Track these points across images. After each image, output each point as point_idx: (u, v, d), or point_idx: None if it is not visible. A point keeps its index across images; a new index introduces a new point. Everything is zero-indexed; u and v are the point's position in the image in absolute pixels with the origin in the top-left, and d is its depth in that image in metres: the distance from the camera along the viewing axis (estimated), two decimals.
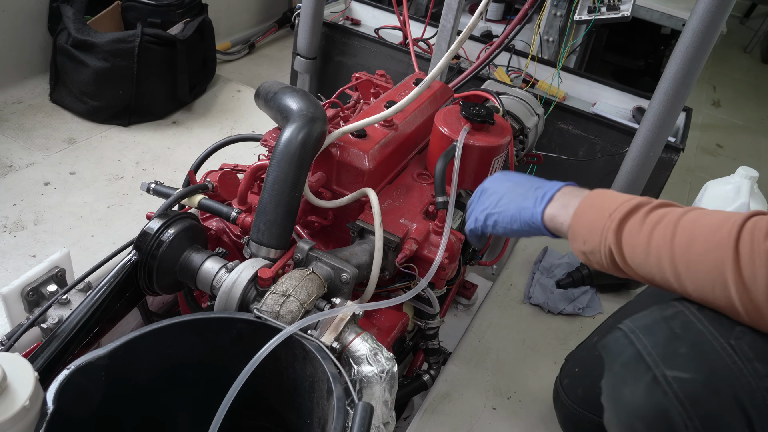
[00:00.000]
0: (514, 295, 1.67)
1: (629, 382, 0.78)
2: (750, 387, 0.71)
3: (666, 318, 0.79)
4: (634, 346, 0.79)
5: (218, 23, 2.52)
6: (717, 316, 0.76)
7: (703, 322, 0.76)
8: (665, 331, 0.78)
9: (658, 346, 0.77)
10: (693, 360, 0.74)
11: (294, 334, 0.84)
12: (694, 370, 0.74)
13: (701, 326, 0.76)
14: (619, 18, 1.74)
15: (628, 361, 0.79)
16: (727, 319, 0.76)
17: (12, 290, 1.04)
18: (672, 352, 0.76)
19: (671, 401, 0.74)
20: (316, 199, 1.14)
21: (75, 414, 0.77)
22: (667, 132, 1.68)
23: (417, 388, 1.35)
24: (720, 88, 4.02)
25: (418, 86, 1.16)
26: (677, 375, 0.74)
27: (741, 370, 0.72)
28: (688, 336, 0.76)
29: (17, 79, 2.14)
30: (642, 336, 0.79)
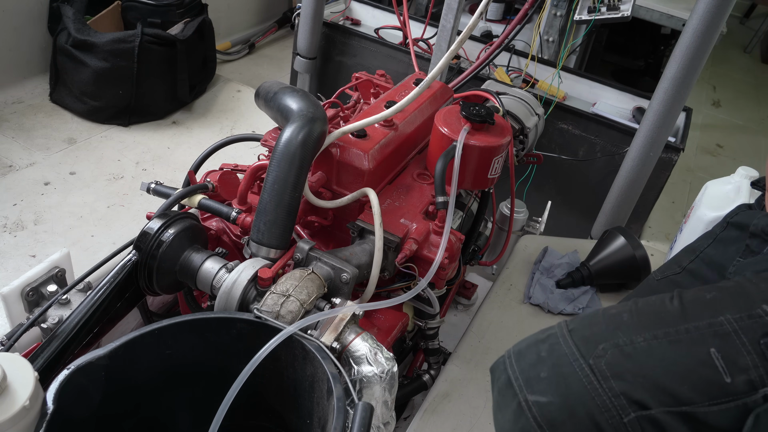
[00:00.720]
0: (514, 295, 1.67)
1: (502, 407, 0.80)
2: (605, 405, 0.72)
3: (538, 341, 0.81)
4: (506, 372, 0.80)
5: (218, 23, 2.52)
6: (586, 336, 0.78)
7: (568, 344, 0.77)
8: (533, 356, 0.79)
9: (524, 371, 0.79)
10: (552, 383, 0.76)
11: (294, 334, 0.84)
12: (552, 394, 0.75)
13: (566, 348, 0.77)
14: (619, 18, 1.75)
15: (501, 387, 0.81)
16: (595, 338, 0.77)
17: (12, 290, 1.04)
18: (535, 376, 0.77)
19: (531, 425, 0.75)
20: (316, 199, 1.14)
21: (75, 414, 0.77)
22: (667, 132, 1.68)
23: (417, 388, 1.35)
24: (720, 88, 4.02)
25: (418, 86, 1.16)
26: (536, 399, 0.76)
27: (596, 389, 0.73)
28: (551, 359, 0.77)
29: (17, 79, 2.15)
30: (514, 361, 0.81)
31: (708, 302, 0.78)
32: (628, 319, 0.79)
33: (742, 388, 0.70)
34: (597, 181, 2.07)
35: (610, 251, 1.64)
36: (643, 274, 1.61)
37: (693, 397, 0.71)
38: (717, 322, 0.74)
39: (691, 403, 0.71)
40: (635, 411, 0.71)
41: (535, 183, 2.04)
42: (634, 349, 0.75)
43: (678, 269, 1.08)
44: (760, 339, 0.72)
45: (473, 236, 1.38)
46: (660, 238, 2.32)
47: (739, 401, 0.70)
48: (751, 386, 0.70)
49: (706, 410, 0.71)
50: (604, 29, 3.20)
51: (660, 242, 2.25)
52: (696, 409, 0.71)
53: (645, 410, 0.71)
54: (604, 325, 0.79)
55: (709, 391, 0.71)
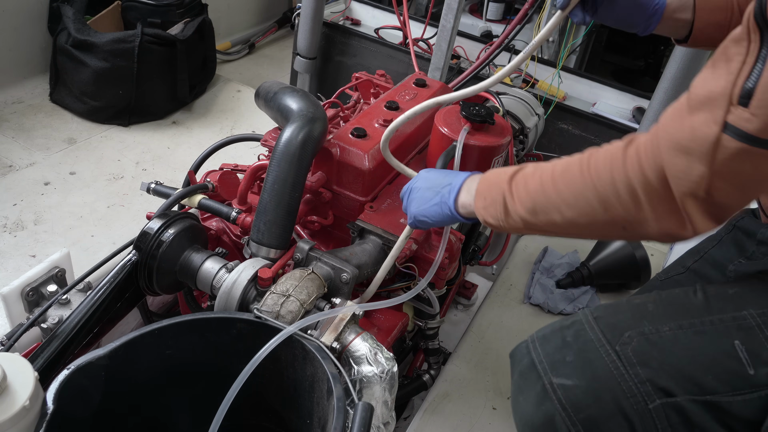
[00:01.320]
0: (514, 295, 1.67)
1: (524, 390, 0.82)
2: (631, 391, 0.74)
3: (563, 327, 0.83)
4: (530, 355, 0.82)
5: (218, 23, 2.52)
6: (611, 323, 0.79)
7: (594, 330, 0.79)
8: (558, 340, 0.81)
9: (549, 354, 0.80)
10: (578, 367, 0.77)
11: (294, 334, 0.84)
12: (577, 377, 0.77)
13: (591, 334, 0.79)
14: None
15: (524, 369, 0.82)
16: (621, 325, 0.79)
17: (12, 290, 1.04)
18: (560, 360, 0.79)
19: (555, 407, 0.76)
20: None
21: (75, 414, 0.77)
22: None
23: (417, 388, 1.35)
24: None
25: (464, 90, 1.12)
26: (562, 382, 0.77)
27: (623, 375, 0.75)
28: (577, 344, 0.79)
29: (17, 79, 2.14)
30: (538, 345, 0.83)
31: (731, 297, 0.81)
32: (653, 309, 0.81)
33: (765, 380, 0.73)
34: None
35: (610, 251, 1.64)
36: (643, 274, 1.61)
37: (717, 387, 0.73)
38: (741, 316, 0.77)
39: (715, 392, 0.73)
40: (660, 398, 0.73)
41: None
42: (660, 337, 0.77)
43: (682, 269, 1.10)
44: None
45: (473, 236, 1.38)
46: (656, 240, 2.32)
47: (762, 392, 0.73)
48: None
49: (730, 400, 0.73)
50: (604, 29, 3.20)
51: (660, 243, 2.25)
52: (720, 399, 0.73)
53: (670, 397, 0.73)
54: (629, 314, 0.81)
55: (732, 381, 0.73)
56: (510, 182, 0.86)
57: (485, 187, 0.91)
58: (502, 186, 0.86)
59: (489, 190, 0.90)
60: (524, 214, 0.83)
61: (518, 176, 0.86)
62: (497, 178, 0.89)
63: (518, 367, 0.84)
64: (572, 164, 0.80)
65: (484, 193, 0.90)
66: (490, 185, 0.90)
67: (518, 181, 0.85)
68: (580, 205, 0.77)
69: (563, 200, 0.79)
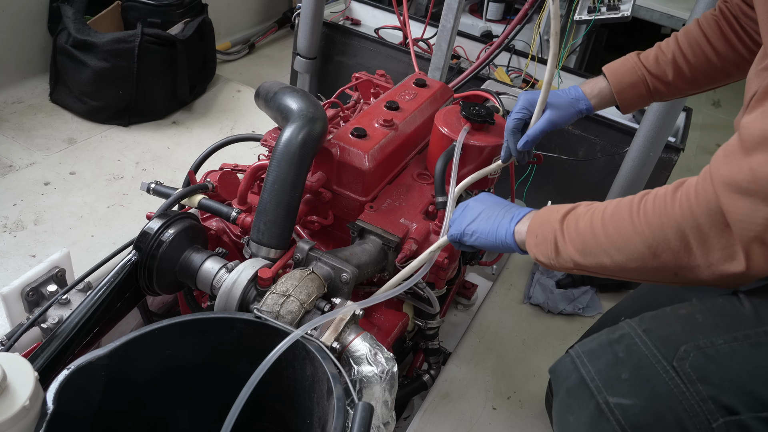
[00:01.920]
0: (514, 295, 1.67)
1: (574, 409, 0.78)
2: (693, 410, 0.71)
3: (611, 342, 0.79)
4: (579, 372, 0.78)
5: (218, 23, 2.52)
6: (663, 337, 0.76)
7: (647, 345, 0.76)
8: (609, 356, 0.77)
9: (601, 371, 0.77)
10: (635, 385, 0.74)
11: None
12: (636, 396, 0.73)
13: (645, 349, 0.75)
14: (619, 18, 1.74)
15: (573, 387, 0.79)
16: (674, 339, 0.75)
17: (12, 290, 1.04)
18: (615, 377, 0.75)
19: (614, 428, 0.73)
20: None
21: (75, 414, 0.77)
22: (667, 132, 1.68)
23: (417, 388, 1.35)
24: (720, 88, 4.01)
25: None
26: (619, 402, 0.74)
27: (684, 393, 0.71)
28: (631, 360, 0.75)
29: (17, 79, 2.14)
30: (587, 361, 0.79)
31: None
32: (703, 321, 0.77)
33: None
34: (597, 181, 2.07)
35: None
36: None
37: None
38: None
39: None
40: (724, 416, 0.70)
41: (535, 183, 2.04)
42: (716, 351, 0.73)
43: None
44: None
45: None
46: None
47: None
48: None
49: None
50: (604, 29, 3.20)
51: None
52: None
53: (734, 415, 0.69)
54: (680, 326, 0.77)
55: None
56: (562, 222, 0.85)
57: (537, 224, 0.90)
58: (554, 225, 0.86)
59: (541, 227, 0.89)
60: (575, 256, 0.82)
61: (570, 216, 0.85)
62: (549, 216, 0.88)
63: (565, 384, 0.80)
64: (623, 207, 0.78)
65: (536, 231, 0.90)
66: (542, 223, 0.89)
67: (570, 221, 0.85)
68: (630, 250, 0.76)
69: (612, 244, 0.77)
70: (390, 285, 1.06)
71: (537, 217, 0.92)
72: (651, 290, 1.18)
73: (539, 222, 0.90)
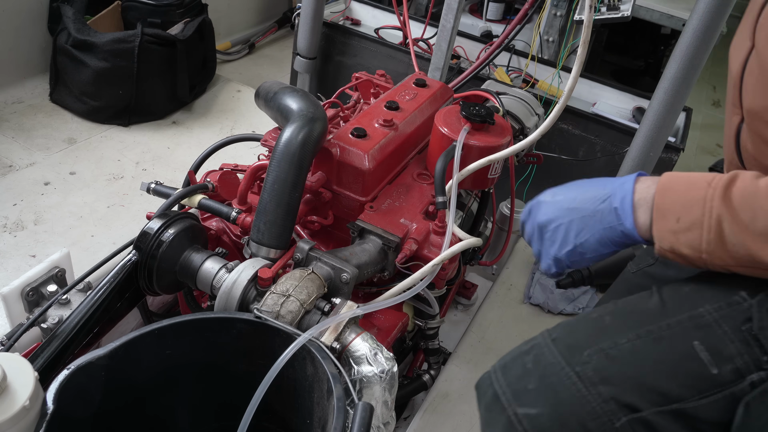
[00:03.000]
0: (514, 295, 1.67)
1: (491, 424, 0.78)
2: (595, 412, 0.70)
3: (522, 353, 0.78)
4: (493, 387, 0.78)
5: (218, 23, 2.52)
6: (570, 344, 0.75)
7: (553, 353, 0.75)
8: (519, 368, 0.77)
9: (511, 384, 0.76)
10: (541, 394, 0.73)
11: (294, 335, 0.84)
12: (541, 405, 0.73)
13: (551, 357, 0.75)
14: (619, 18, 1.74)
15: (489, 402, 0.78)
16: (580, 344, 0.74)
17: (12, 290, 1.04)
18: (522, 388, 0.75)
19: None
20: None
21: (75, 414, 0.77)
22: (667, 132, 1.68)
23: (417, 388, 1.35)
24: (720, 88, 4.02)
25: None
26: (526, 412, 0.73)
27: (585, 396, 0.71)
28: (537, 370, 0.75)
29: (17, 79, 2.14)
30: (500, 375, 0.78)
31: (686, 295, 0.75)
32: (609, 322, 0.76)
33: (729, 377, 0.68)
34: None
35: None
36: None
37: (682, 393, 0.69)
38: (697, 314, 0.72)
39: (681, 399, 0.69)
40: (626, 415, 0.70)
41: (535, 183, 2.04)
42: (618, 351, 0.73)
43: (651, 260, 1.06)
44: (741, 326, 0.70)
45: None
46: None
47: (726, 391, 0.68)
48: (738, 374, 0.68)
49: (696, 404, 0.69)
50: (604, 29, 3.20)
51: None
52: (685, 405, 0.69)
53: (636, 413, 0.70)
54: (587, 331, 0.76)
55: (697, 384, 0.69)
56: (725, 198, 0.68)
57: (672, 201, 0.72)
58: (710, 203, 0.68)
59: (684, 207, 0.71)
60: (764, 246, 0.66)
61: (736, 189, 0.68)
62: (693, 190, 0.70)
63: (484, 400, 0.80)
64: None
65: (672, 211, 0.72)
66: (684, 201, 0.71)
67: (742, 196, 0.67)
68: None
69: None
70: (391, 293, 1.06)
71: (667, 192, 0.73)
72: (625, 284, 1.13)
73: (676, 200, 0.72)
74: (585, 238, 0.79)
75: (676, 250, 0.72)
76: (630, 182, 0.77)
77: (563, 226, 0.81)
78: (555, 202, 0.84)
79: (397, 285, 1.06)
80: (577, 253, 0.81)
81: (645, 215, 0.75)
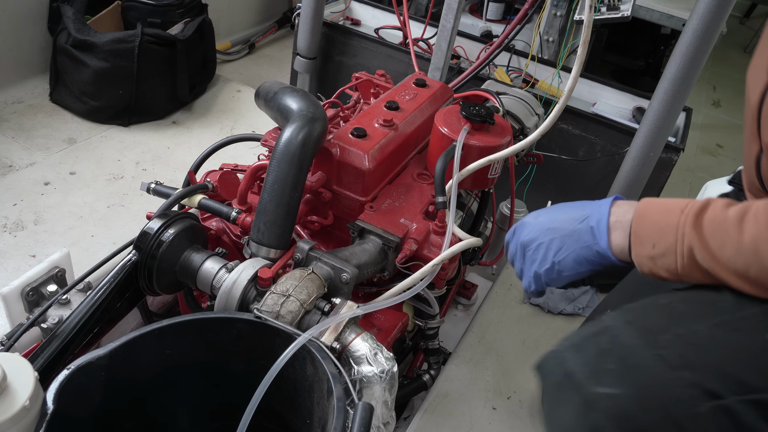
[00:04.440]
0: (514, 295, 1.67)
1: (562, 402, 0.77)
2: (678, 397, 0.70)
3: (594, 334, 0.78)
4: (564, 366, 0.77)
5: (218, 23, 2.52)
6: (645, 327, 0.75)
7: (631, 335, 0.75)
8: (593, 348, 0.76)
9: (587, 363, 0.76)
10: (621, 375, 0.73)
11: (294, 335, 0.84)
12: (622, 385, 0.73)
13: (628, 340, 0.74)
14: (619, 18, 1.74)
15: (559, 381, 0.78)
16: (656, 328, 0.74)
17: (12, 290, 1.04)
18: (600, 368, 0.75)
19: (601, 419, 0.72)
20: None
21: (75, 414, 0.77)
22: (667, 132, 1.68)
23: (417, 388, 1.35)
24: (720, 88, 4.02)
25: None
26: (606, 392, 0.73)
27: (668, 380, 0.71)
28: (615, 351, 0.75)
29: (17, 79, 2.14)
30: (571, 355, 0.78)
31: None
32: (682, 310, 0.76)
33: None
34: (597, 181, 2.07)
35: None
36: None
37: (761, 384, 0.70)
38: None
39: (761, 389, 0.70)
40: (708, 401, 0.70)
41: (535, 183, 2.04)
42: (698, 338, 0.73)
43: None
44: None
45: None
46: None
47: None
48: None
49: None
50: (604, 29, 3.20)
51: None
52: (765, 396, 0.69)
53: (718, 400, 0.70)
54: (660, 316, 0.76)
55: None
56: (696, 225, 0.72)
57: (648, 228, 0.77)
58: (682, 230, 0.73)
59: (659, 234, 0.76)
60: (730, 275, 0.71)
61: (707, 218, 0.72)
62: (667, 217, 0.75)
63: (552, 378, 0.79)
64: None
65: (648, 237, 0.77)
66: (659, 228, 0.76)
67: (711, 224, 0.71)
68: None
69: None
70: (391, 293, 1.06)
71: (643, 218, 0.78)
72: (635, 283, 1.16)
73: (651, 226, 0.77)
74: (563, 256, 0.84)
75: (655, 274, 0.77)
76: (606, 205, 0.81)
77: (544, 245, 0.85)
78: (537, 223, 0.88)
79: (397, 285, 1.06)
80: (555, 271, 0.85)
81: (619, 237, 0.79)
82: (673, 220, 0.74)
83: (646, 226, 0.77)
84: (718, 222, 0.72)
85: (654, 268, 0.77)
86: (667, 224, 0.75)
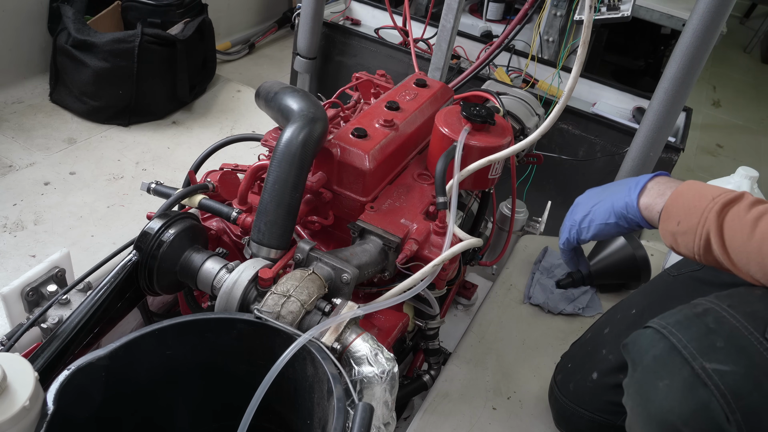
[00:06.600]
0: (514, 295, 1.67)
1: (665, 376, 0.77)
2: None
3: (698, 314, 0.78)
4: (667, 340, 0.78)
5: (218, 23, 2.52)
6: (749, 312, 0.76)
7: (736, 318, 0.76)
8: (700, 326, 0.77)
9: (694, 339, 0.76)
10: (732, 353, 0.74)
11: (294, 335, 0.84)
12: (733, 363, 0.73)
13: (735, 322, 0.75)
14: (619, 18, 1.74)
15: (661, 354, 0.78)
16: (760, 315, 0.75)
17: (12, 290, 1.04)
18: (709, 345, 0.75)
19: (712, 393, 0.73)
20: None
21: (75, 414, 0.77)
22: (667, 132, 1.68)
23: (417, 388, 1.35)
24: (720, 88, 4.02)
25: None
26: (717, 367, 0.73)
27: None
28: (723, 330, 0.76)
29: (17, 79, 2.14)
30: (676, 331, 0.78)
31: None
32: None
33: None
34: (597, 181, 2.06)
35: (610, 251, 1.64)
36: (643, 275, 1.61)
37: None
38: None
39: None
40: None
41: (535, 183, 2.04)
42: None
43: (697, 266, 1.06)
44: None
45: None
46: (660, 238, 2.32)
47: None
48: None
49: None
50: (604, 29, 3.20)
51: (660, 242, 2.25)
52: None
53: None
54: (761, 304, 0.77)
55: None
56: (720, 214, 0.76)
57: (679, 206, 0.81)
58: (706, 215, 0.77)
59: (687, 214, 0.79)
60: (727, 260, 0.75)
61: (732, 210, 0.75)
62: (698, 201, 0.78)
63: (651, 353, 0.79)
64: None
65: (676, 214, 0.81)
66: (688, 209, 0.80)
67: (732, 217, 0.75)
68: None
69: None
70: (392, 294, 1.06)
71: (679, 197, 0.81)
72: (665, 286, 1.17)
73: (682, 206, 0.80)
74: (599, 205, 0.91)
75: (675, 249, 0.81)
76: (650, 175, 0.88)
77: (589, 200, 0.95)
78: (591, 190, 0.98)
79: (398, 285, 1.06)
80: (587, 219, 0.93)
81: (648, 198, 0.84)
82: (703, 204, 0.78)
83: (678, 204, 0.81)
84: (738, 217, 0.75)
85: (674, 244, 0.81)
86: (696, 207, 0.79)
